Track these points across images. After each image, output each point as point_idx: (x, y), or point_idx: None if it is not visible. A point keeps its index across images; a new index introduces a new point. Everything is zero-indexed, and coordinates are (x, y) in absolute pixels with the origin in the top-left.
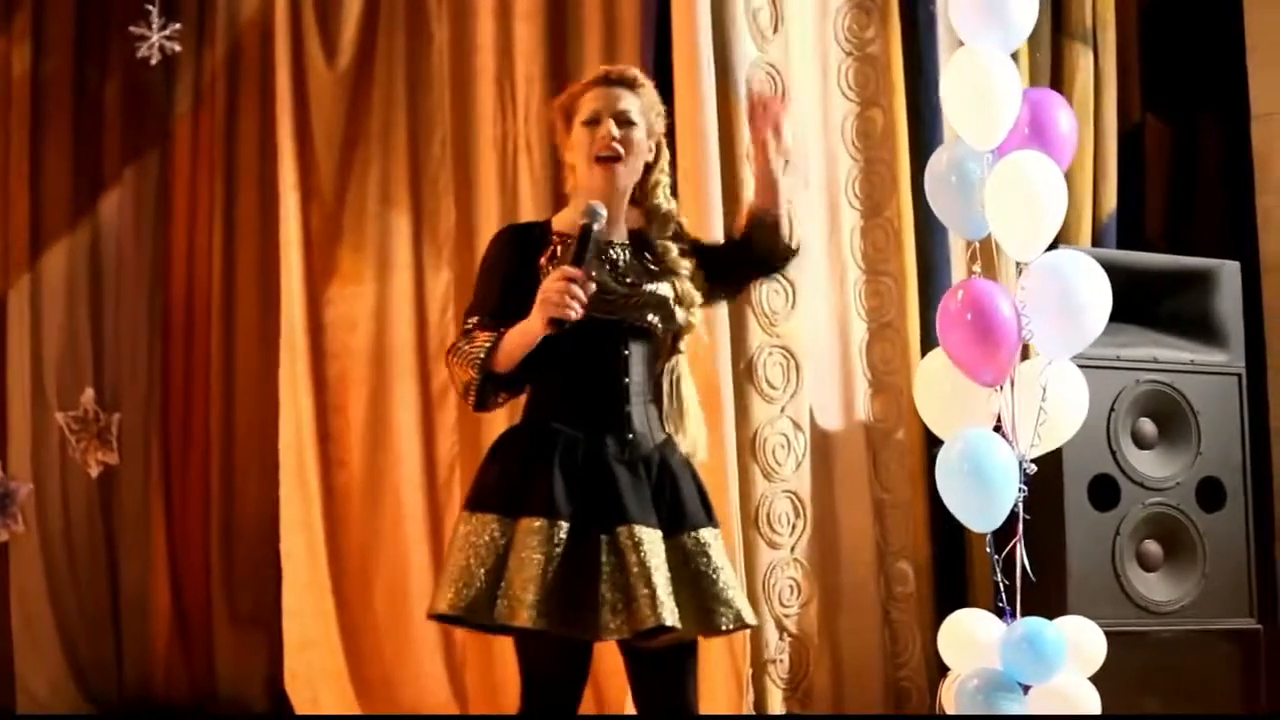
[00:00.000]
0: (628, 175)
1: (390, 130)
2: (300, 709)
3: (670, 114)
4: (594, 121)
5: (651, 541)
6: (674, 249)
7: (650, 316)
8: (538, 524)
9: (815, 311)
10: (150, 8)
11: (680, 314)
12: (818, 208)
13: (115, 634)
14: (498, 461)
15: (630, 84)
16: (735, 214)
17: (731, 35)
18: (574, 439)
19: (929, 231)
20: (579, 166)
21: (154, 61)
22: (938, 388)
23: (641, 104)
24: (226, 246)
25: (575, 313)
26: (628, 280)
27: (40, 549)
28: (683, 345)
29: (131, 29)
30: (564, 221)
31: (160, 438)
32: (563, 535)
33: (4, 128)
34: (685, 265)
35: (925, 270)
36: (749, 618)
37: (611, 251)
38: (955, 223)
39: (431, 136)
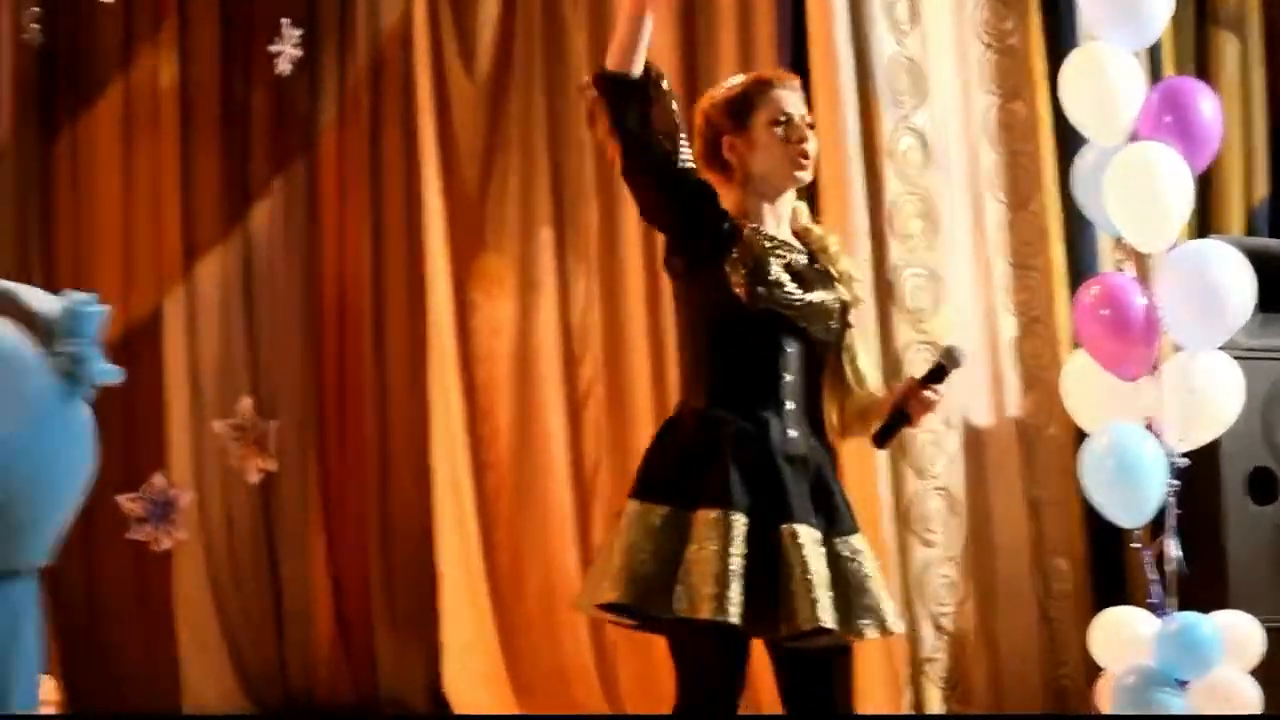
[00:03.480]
0: (809, 179)
1: (530, 136)
2: (460, 710)
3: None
4: (783, 122)
5: (813, 542)
6: (845, 256)
7: (823, 323)
8: (714, 515)
9: (962, 307)
10: (284, 21)
11: (852, 307)
12: (960, 202)
13: (278, 638)
14: (668, 449)
15: (798, 88)
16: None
17: (868, 30)
18: (745, 430)
19: (1077, 224)
20: (761, 166)
21: (285, 73)
22: (1086, 383)
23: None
24: (374, 253)
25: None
26: (804, 285)
27: (203, 556)
28: (851, 318)
29: (269, 48)
30: (743, 218)
31: (317, 444)
32: (739, 528)
33: (154, 139)
34: (856, 278)
35: (1074, 264)
36: (895, 626)
37: (785, 252)
38: (1100, 217)
39: (570, 142)
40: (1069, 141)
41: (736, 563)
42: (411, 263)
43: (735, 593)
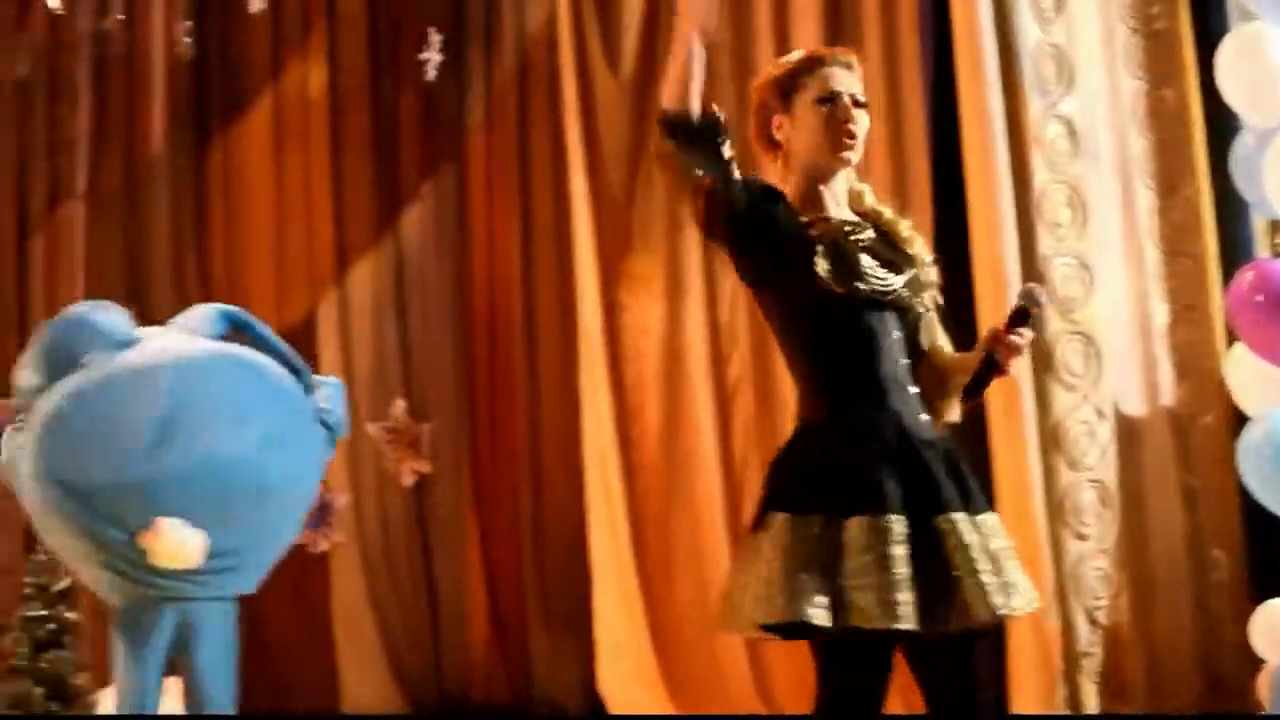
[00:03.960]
0: (857, 159)
1: None
2: (614, 709)
3: (953, 100)
4: (828, 100)
5: (969, 530)
6: (918, 237)
7: (912, 299)
8: (869, 521)
9: (1113, 295)
10: (430, 28)
11: (929, 289)
12: (1110, 189)
13: (434, 639)
14: (807, 457)
15: (853, 65)
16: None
17: (1013, 17)
18: (882, 427)
19: (1229, 210)
20: (806, 146)
21: (433, 79)
22: (1250, 370)
23: (862, 86)
24: (524, 255)
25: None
26: (885, 264)
27: (360, 558)
28: (929, 302)
29: (417, 55)
30: (796, 201)
31: (470, 445)
32: (895, 530)
33: (304, 147)
34: (928, 261)
35: (1227, 249)
36: (1032, 601)
37: (859, 237)
38: (1259, 200)
39: None
40: (1219, 126)
41: (900, 566)
42: (560, 264)
43: (905, 597)
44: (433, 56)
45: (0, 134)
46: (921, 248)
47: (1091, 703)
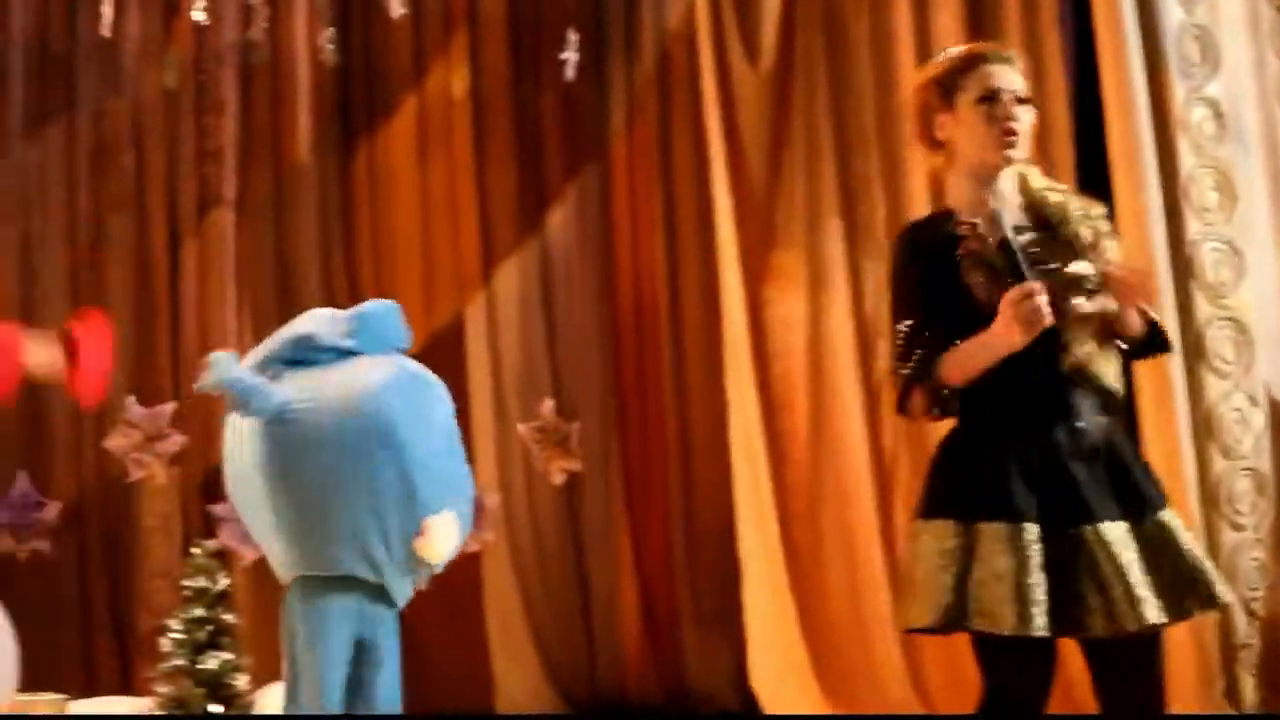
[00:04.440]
0: (1022, 156)
1: (814, 129)
2: (767, 706)
3: (1096, 87)
4: (989, 99)
5: (1119, 537)
6: (1086, 232)
7: (1077, 298)
8: (1002, 528)
9: (1265, 280)
10: (570, 28)
11: (1098, 284)
12: (1258, 173)
13: (587, 636)
14: (950, 465)
15: (1013, 60)
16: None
17: (1156, 1)
18: (1026, 436)
19: None
20: (969, 145)
21: (573, 79)
22: None
23: (1023, 81)
24: (668, 253)
25: (1048, 321)
26: (1048, 265)
27: (511, 557)
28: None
29: (557, 56)
30: (960, 201)
31: (619, 444)
32: (1029, 538)
33: (448, 151)
34: (1104, 233)
35: None
36: (1223, 595)
37: (1022, 237)
38: None
39: (855, 132)
40: None
41: (1035, 574)
42: (704, 261)
43: (1037, 604)
44: (572, 56)
45: (151, 144)
46: (1094, 226)
47: (1249, 695)
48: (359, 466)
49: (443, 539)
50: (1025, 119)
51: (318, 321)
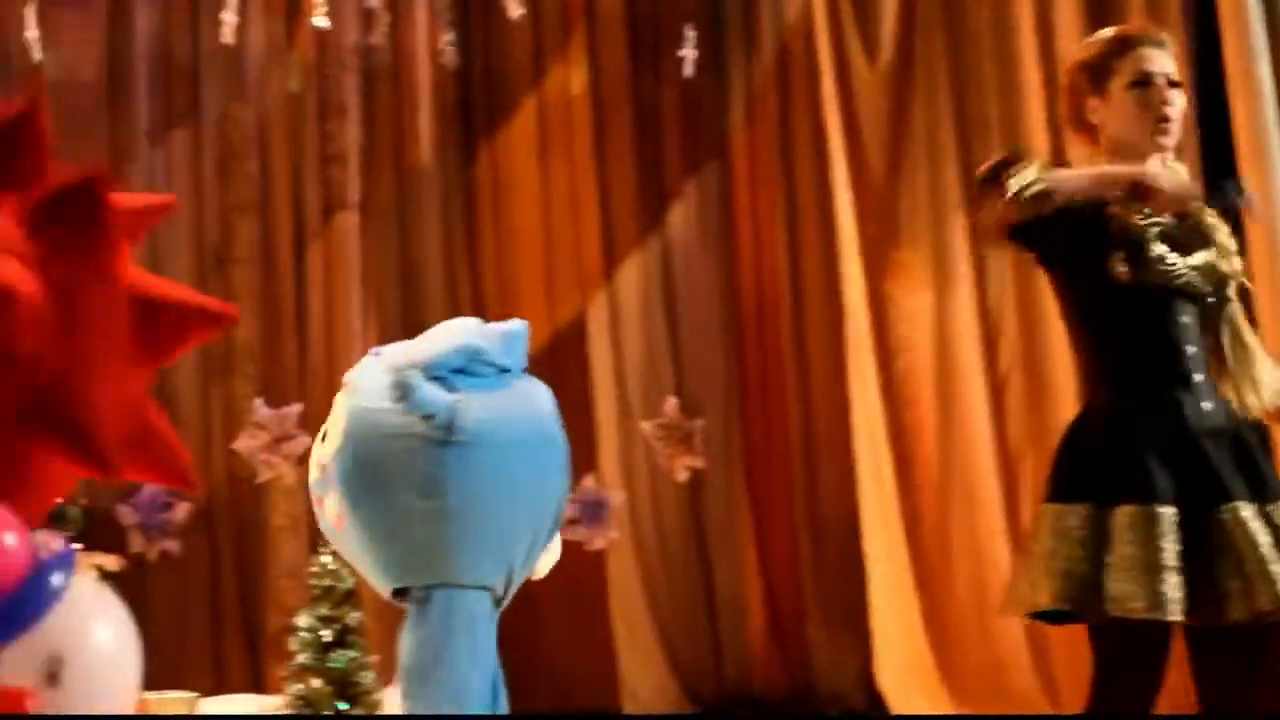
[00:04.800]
0: (1173, 142)
1: (935, 123)
2: (892, 703)
3: (1220, 73)
4: (1143, 83)
5: (1255, 517)
6: (1222, 227)
7: (1212, 286)
8: (1136, 510)
9: None
10: (687, 25)
11: (1231, 279)
12: None
13: (712, 634)
14: (1080, 447)
15: (1165, 44)
16: None
17: None
18: (1157, 417)
19: None
20: (1120, 130)
21: (692, 76)
22: None
23: (1175, 65)
24: (790, 249)
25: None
26: (1184, 250)
27: (635, 555)
28: (1231, 293)
29: (676, 53)
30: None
31: (742, 440)
32: (1165, 520)
33: (569, 149)
34: (1233, 251)
35: None
36: None
37: (1158, 221)
38: None
39: (977, 125)
40: None
41: (1169, 556)
42: (826, 256)
43: (1172, 587)
44: (691, 54)
45: (276, 148)
46: (1225, 238)
47: None
48: (539, 488)
49: (551, 559)
50: (1178, 104)
51: (479, 334)
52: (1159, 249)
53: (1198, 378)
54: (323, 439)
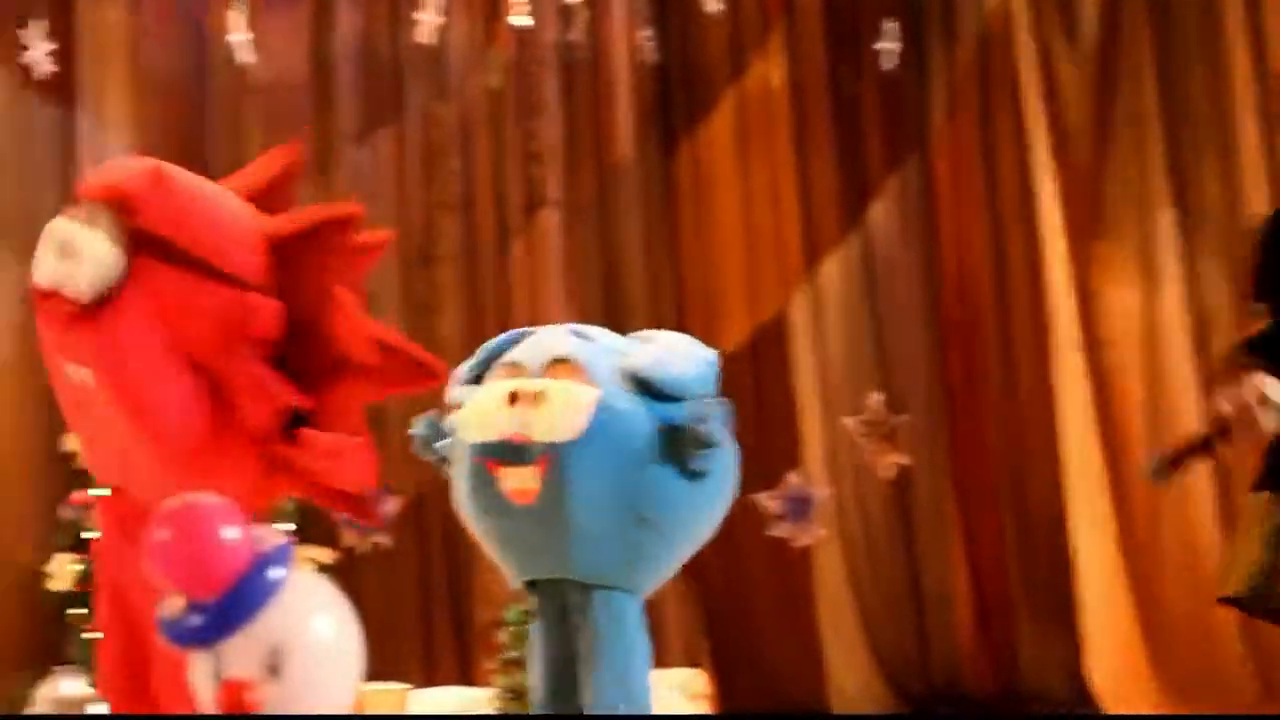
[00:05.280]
0: None
1: (1141, 113)
2: (1103, 702)
3: None
4: None
5: None
6: None
7: None
8: None
9: None
10: (887, 17)
11: None
12: None
13: (918, 630)
14: None
15: None
16: None
17: None
18: None
19: None
20: None
21: (892, 69)
22: None
23: None
24: (992, 243)
25: None
26: None
27: (841, 551)
28: None
29: (874, 46)
30: None
31: (948, 436)
32: None
33: (768, 145)
34: None
35: None
36: None
37: None
38: None
39: (1184, 117)
40: None
41: None
42: (1029, 250)
43: None
44: (890, 46)
45: (478, 146)
46: None
47: None
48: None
49: None
50: None
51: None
52: None
53: None
54: (535, 402)
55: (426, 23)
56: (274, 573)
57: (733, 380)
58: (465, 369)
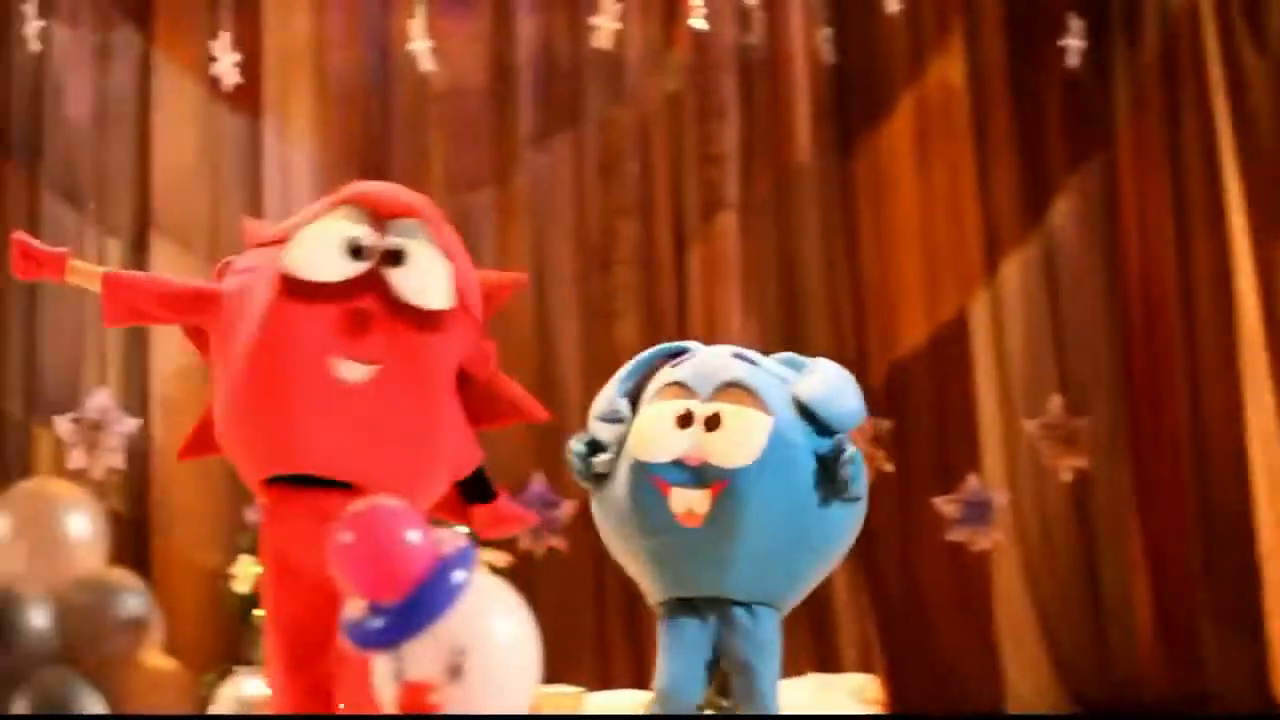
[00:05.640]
0: None
1: None
2: None
3: None
4: None
5: None
6: None
7: None
8: None
9: None
10: (1069, 14)
11: None
12: None
13: (1097, 635)
14: None
15: None
16: None
17: None
18: None
19: None
20: None
21: (1074, 66)
22: None
23: None
24: (1178, 243)
25: None
26: None
27: (1019, 555)
28: None
29: (1057, 43)
30: None
31: (1130, 440)
32: None
33: (948, 145)
34: None
35: None
36: None
37: None
38: None
39: None
40: None
41: None
42: (1216, 251)
43: None
44: (1073, 43)
45: (656, 150)
46: None
47: None
48: None
49: None
50: None
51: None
52: None
53: None
54: (708, 426)
55: (604, 28)
56: (457, 576)
57: (911, 382)
58: (619, 382)
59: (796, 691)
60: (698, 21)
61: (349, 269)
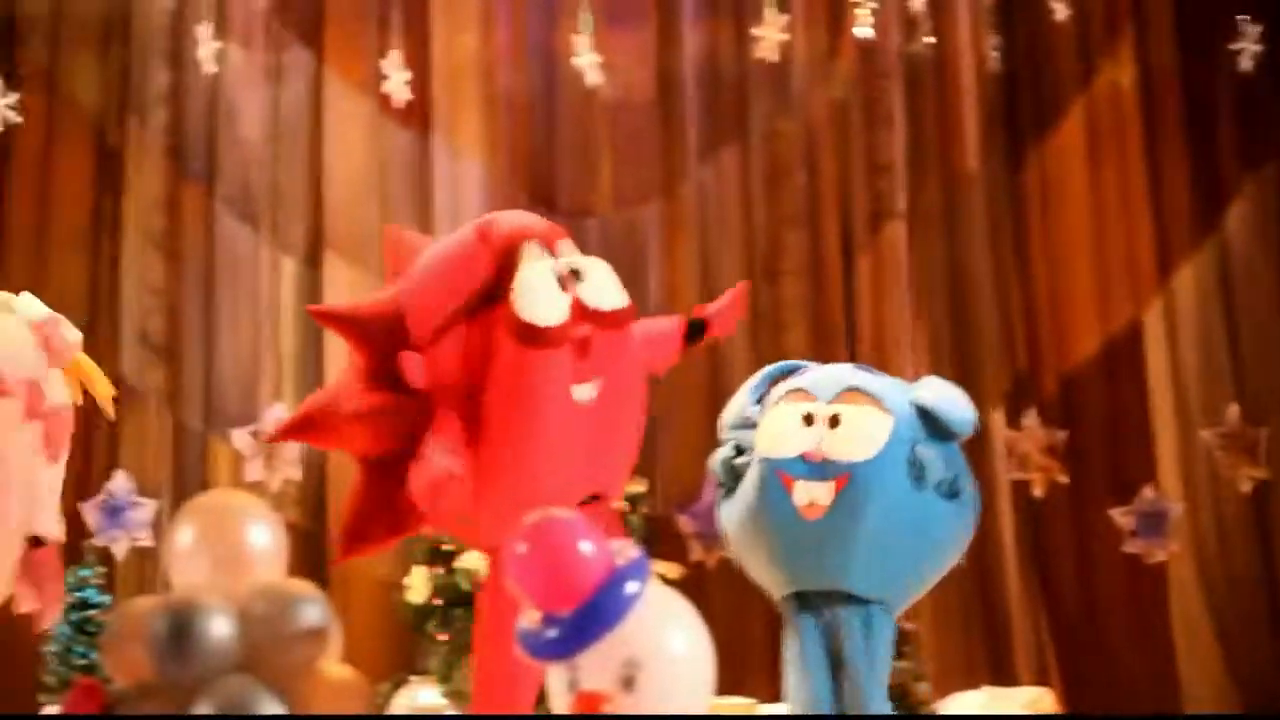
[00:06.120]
0: None
1: None
2: None
3: None
4: None
5: None
6: None
7: None
8: None
9: None
10: (1242, 18)
11: None
12: None
13: (1276, 647)
14: None
15: None
16: None
17: None
18: None
19: None
20: None
21: (1248, 70)
22: None
23: None
24: None
25: None
26: None
27: (1196, 566)
28: None
29: (1229, 46)
30: None
31: None
32: None
33: (1119, 149)
34: None
35: None
36: None
37: None
38: None
39: None
40: None
41: None
42: None
43: None
44: (1247, 47)
45: (822, 159)
46: None
47: None
48: None
49: None
50: None
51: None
52: None
53: None
54: (831, 424)
55: (769, 38)
56: (630, 587)
57: (1084, 393)
58: (749, 391)
59: (969, 704)
60: (863, 30)
61: (566, 301)
